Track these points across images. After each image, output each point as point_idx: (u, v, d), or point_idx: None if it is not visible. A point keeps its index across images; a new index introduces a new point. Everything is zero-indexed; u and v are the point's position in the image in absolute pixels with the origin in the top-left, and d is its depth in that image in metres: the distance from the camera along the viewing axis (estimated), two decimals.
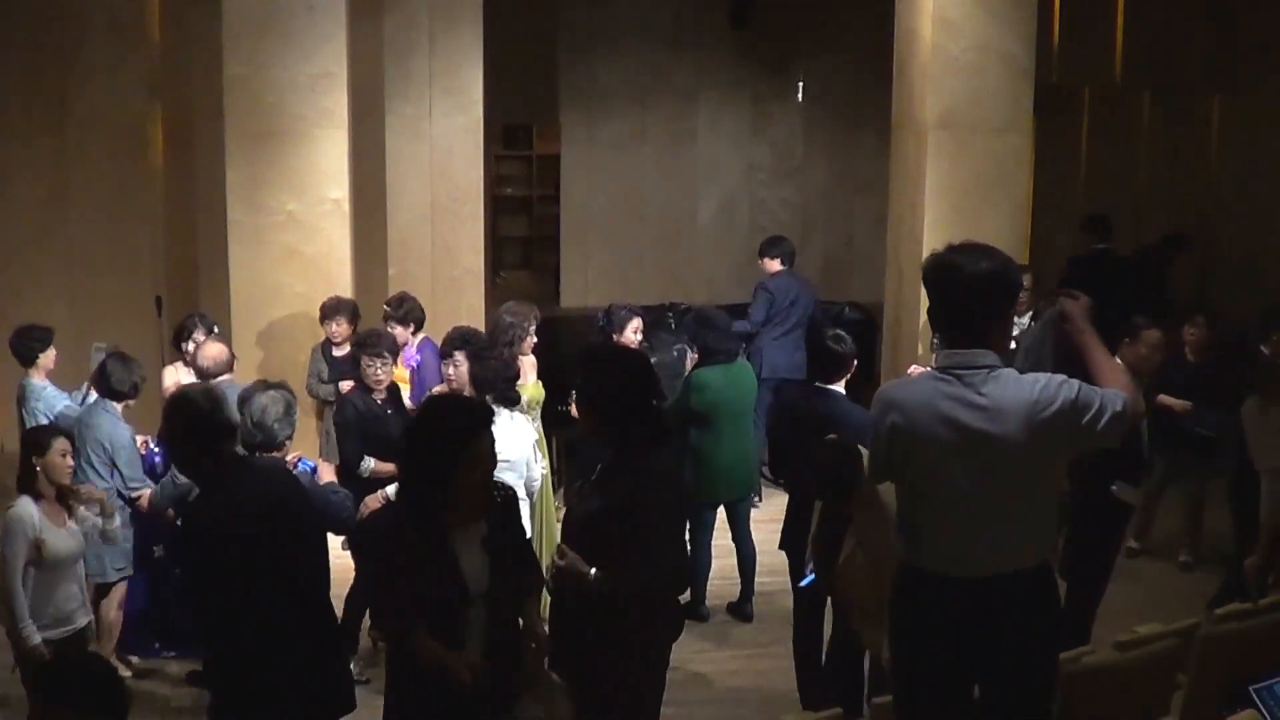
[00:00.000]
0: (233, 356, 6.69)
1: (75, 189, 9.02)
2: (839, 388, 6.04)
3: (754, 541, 7.45)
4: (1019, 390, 3.64)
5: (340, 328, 7.51)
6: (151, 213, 9.28)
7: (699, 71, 14.00)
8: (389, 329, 7.52)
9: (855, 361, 6.15)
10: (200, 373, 6.52)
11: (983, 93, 8.38)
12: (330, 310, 7.54)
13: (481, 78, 10.93)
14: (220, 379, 6.42)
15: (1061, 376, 3.65)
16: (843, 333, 6.24)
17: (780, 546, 6.27)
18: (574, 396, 4.46)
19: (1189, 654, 4.63)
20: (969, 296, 3.66)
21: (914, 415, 3.70)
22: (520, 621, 4.07)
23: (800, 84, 14.25)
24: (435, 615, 3.80)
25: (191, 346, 7.01)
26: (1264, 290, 10.08)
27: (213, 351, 6.57)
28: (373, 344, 6.55)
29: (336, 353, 7.58)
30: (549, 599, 4.60)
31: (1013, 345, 7.12)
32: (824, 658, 6.00)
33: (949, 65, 8.29)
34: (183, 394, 4.47)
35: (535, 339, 7.03)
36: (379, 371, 6.45)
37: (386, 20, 9.84)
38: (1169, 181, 11.92)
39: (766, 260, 9.75)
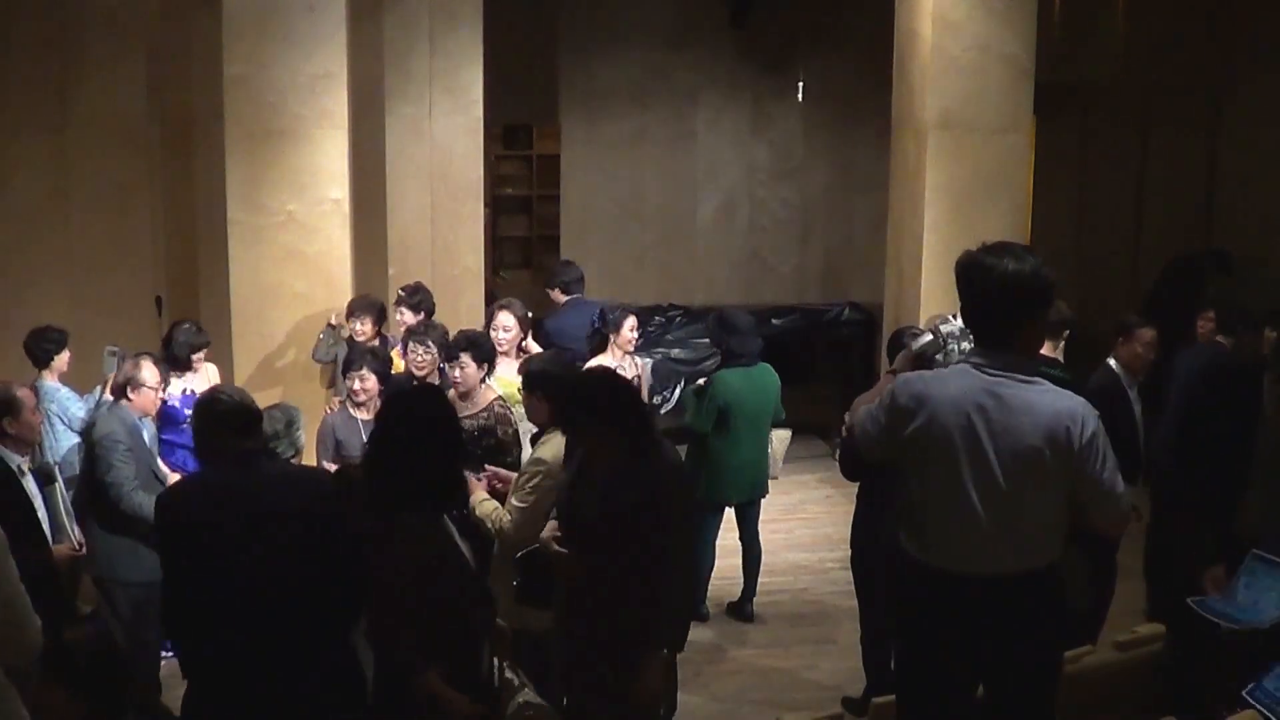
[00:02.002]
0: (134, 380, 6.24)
1: (75, 188, 9.01)
2: None
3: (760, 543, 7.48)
4: (1053, 399, 3.67)
5: (364, 327, 7.53)
6: (151, 213, 9.27)
7: (699, 71, 14.00)
8: (398, 314, 7.84)
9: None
10: (117, 390, 6.23)
11: (983, 93, 8.37)
12: (354, 309, 7.57)
13: (481, 78, 10.94)
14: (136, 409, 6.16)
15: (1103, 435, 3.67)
16: (920, 329, 6.28)
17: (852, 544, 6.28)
18: (573, 425, 4.53)
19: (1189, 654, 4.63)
20: (998, 297, 3.67)
21: (941, 408, 3.71)
22: None
23: (800, 84, 14.24)
24: (458, 613, 3.82)
25: (198, 357, 7.11)
26: (1267, 288, 10.08)
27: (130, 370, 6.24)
28: (421, 333, 6.83)
29: None
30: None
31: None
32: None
33: (949, 65, 8.29)
34: (212, 392, 4.39)
35: (504, 335, 7.02)
36: (421, 358, 6.67)
37: (386, 20, 9.84)
38: (1169, 181, 11.91)
39: (558, 290, 8.63)
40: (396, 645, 3.80)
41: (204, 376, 7.28)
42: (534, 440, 5.30)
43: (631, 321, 7.56)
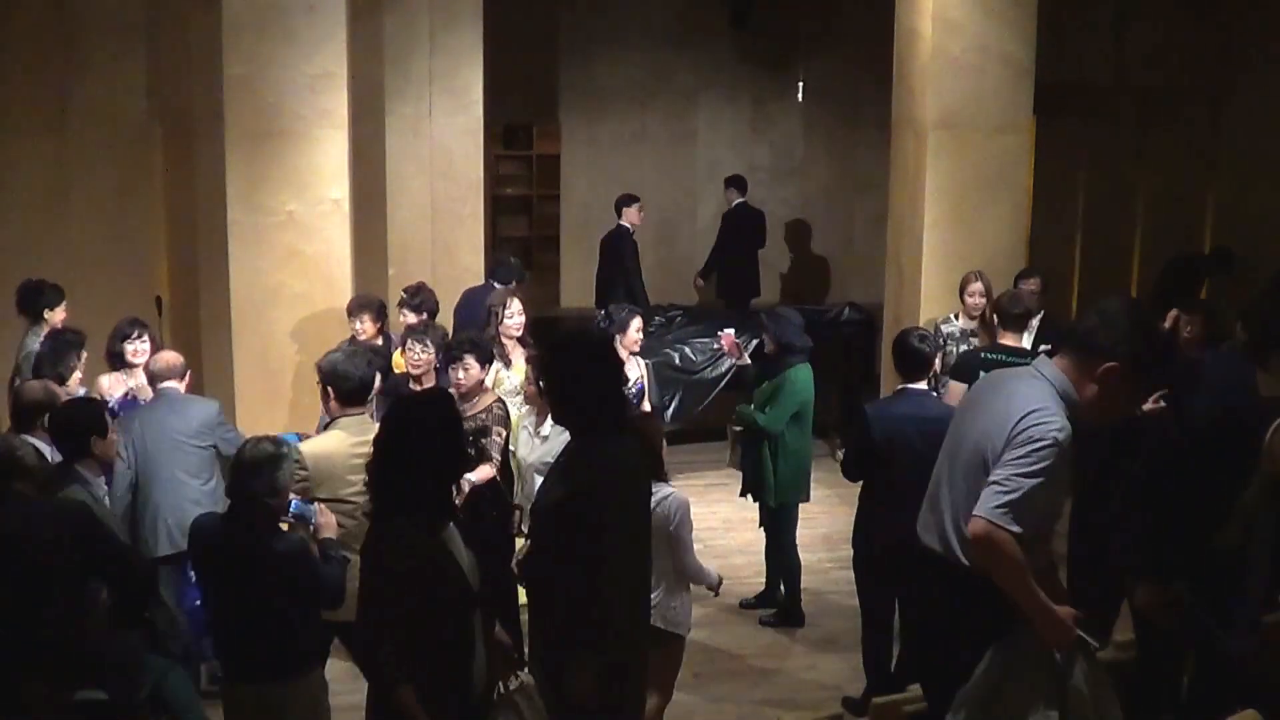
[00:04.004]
0: (186, 367, 6.62)
1: (75, 188, 9.01)
2: (922, 386, 6.07)
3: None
4: (1020, 394, 3.70)
5: (364, 325, 7.52)
6: (151, 213, 9.27)
7: (699, 71, 14.00)
8: (401, 315, 7.88)
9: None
10: (151, 376, 6.50)
11: (983, 93, 8.38)
12: (354, 308, 7.57)
13: (481, 78, 10.93)
14: (167, 384, 6.42)
15: (1042, 457, 3.60)
16: (926, 331, 6.35)
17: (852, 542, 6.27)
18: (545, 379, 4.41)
19: (1188, 654, 4.63)
20: None
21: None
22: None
23: (800, 84, 14.25)
24: (448, 623, 3.78)
25: (132, 349, 6.92)
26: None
27: (168, 357, 6.54)
28: (421, 332, 6.86)
29: None
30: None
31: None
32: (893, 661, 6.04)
33: (949, 65, 8.29)
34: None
35: (518, 319, 7.46)
36: (419, 357, 6.67)
37: (386, 20, 9.84)
38: (1168, 182, 11.91)
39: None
40: (378, 654, 3.78)
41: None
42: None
43: (638, 322, 7.54)
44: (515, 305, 7.62)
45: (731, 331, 8.00)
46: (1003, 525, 3.56)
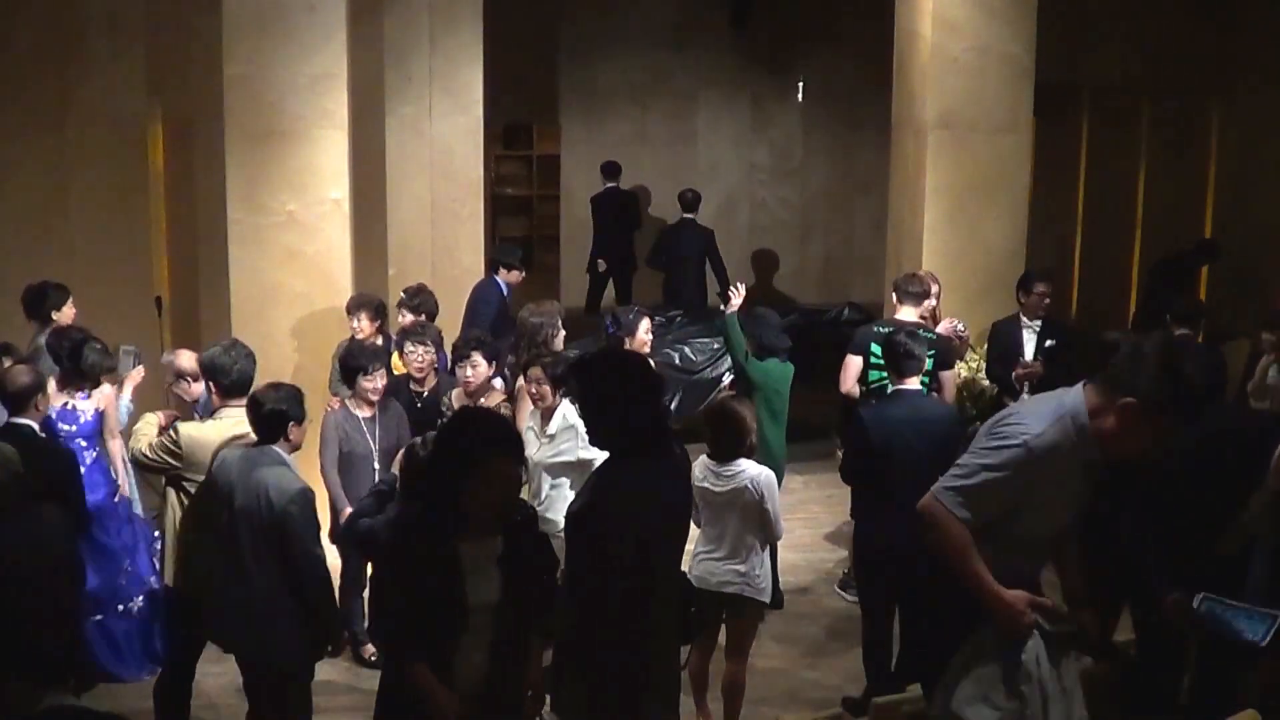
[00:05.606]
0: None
1: (75, 188, 9.01)
2: (914, 384, 6.07)
3: None
4: (1024, 405, 3.88)
5: (361, 324, 7.48)
6: (151, 213, 9.27)
7: (699, 71, 14.01)
8: (400, 315, 7.83)
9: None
10: (180, 373, 6.38)
11: (983, 93, 8.38)
12: (352, 306, 7.53)
13: (481, 78, 10.94)
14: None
15: (992, 443, 3.66)
16: (915, 330, 6.46)
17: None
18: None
19: (1189, 654, 4.64)
20: None
21: None
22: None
23: (800, 84, 14.26)
24: (431, 627, 3.79)
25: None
26: (1263, 293, 10.08)
27: (188, 358, 6.37)
28: (419, 333, 6.83)
29: None
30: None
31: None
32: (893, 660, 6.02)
33: (949, 65, 8.30)
34: None
35: (564, 332, 7.03)
36: (421, 358, 6.65)
37: (386, 20, 9.84)
38: (1168, 182, 11.92)
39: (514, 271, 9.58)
40: (387, 635, 3.90)
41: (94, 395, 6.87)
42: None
43: (646, 324, 7.41)
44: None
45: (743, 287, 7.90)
46: (948, 507, 3.60)
